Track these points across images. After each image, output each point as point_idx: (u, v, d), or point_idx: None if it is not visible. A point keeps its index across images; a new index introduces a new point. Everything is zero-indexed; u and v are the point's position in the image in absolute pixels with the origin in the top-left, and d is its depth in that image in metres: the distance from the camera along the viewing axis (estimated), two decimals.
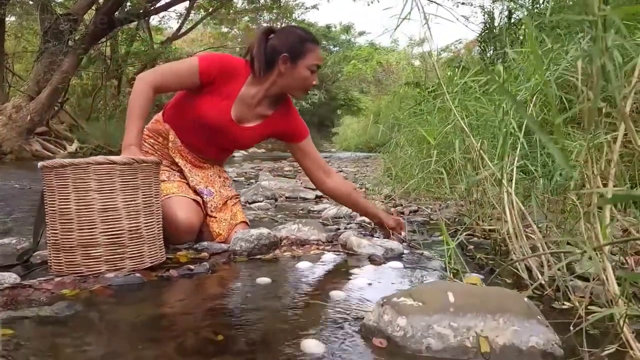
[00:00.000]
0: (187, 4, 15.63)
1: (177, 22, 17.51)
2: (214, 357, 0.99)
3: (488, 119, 1.93)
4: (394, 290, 1.44)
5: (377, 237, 2.07)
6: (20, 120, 9.63)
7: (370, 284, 1.50)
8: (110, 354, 1.00)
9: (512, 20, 7.05)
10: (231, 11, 18.88)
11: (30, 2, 12.53)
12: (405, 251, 1.92)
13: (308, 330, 1.14)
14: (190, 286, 1.48)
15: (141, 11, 11.77)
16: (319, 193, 3.04)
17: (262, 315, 1.24)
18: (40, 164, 1.57)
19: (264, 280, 1.51)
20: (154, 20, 17.54)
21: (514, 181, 1.63)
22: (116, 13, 10.65)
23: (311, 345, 1.05)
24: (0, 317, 1.15)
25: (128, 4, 11.56)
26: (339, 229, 2.42)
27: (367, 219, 2.56)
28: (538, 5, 4.41)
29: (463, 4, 10.70)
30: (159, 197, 1.68)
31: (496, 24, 8.09)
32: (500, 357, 0.98)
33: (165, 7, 13.15)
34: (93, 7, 10.84)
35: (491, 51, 9.00)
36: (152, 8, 12.46)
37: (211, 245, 1.89)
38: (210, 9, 17.28)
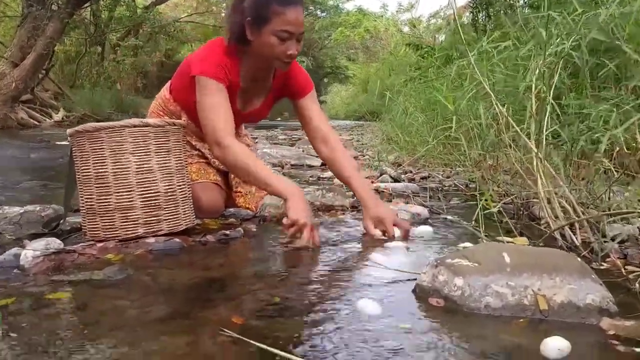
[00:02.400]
0: None
1: None
2: (276, 318, 1.01)
3: (514, 83, 1.93)
4: (432, 253, 1.47)
5: (399, 203, 2.09)
6: (4, 88, 9.39)
7: (407, 248, 1.52)
8: (174, 314, 1.01)
9: None
10: None
11: None
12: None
13: (360, 291, 1.16)
14: (229, 250, 1.49)
15: None
16: None
17: (311, 278, 1.25)
18: (70, 130, 1.55)
19: (302, 243, 1.52)
20: None
21: (544, 145, 1.65)
22: None
23: (367, 305, 1.07)
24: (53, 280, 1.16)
25: None
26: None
27: (381, 185, 2.58)
28: None
29: None
30: (186, 161, 1.68)
31: None
32: (558, 314, 1.01)
33: None
34: None
35: (483, 17, 8.96)
36: None
37: (238, 212, 1.89)
38: None
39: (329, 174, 3.23)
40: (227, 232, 1.59)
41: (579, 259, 1.10)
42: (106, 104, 12.92)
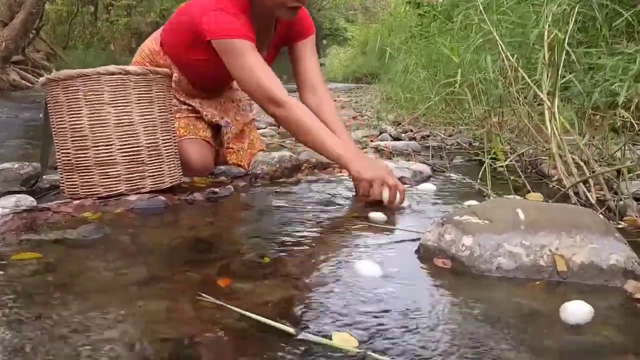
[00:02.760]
0: None
1: None
2: (264, 280, 0.91)
3: (525, 32, 1.80)
4: (436, 212, 1.37)
5: (400, 160, 1.98)
6: None
7: (409, 205, 1.42)
8: (153, 278, 0.91)
9: None
10: None
11: None
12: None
13: (358, 251, 1.06)
14: (217, 209, 1.39)
15: None
16: None
17: (304, 238, 1.15)
18: (42, 78, 1.42)
19: (296, 202, 1.42)
20: None
21: (557, 98, 1.53)
22: None
23: (366, 266, 0.97)
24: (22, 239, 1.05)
25: None
26: None
27: (381, 144, 2.47)
28: None
29: None
30: (172, 113, 1.55)
31: None
32: (578, 275, 0.91)
33: None
34: None
35: None
36: None
37: (229, 170, 1.78)
38: None
39: None
40: (216, 189, 1.48)
41: (601, 216, 1.00)
42: (100, 65, 12.60)
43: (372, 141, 2.61)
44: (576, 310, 0.78)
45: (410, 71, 3.50)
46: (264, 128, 3.30)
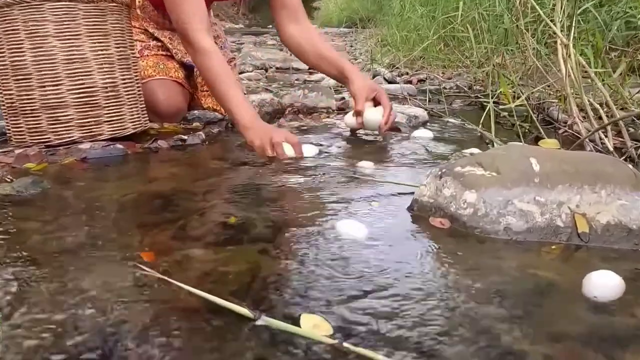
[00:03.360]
0: None
1: None
2: (229, 245, 0.76)
3: None
4: (435, 161, 1.21)
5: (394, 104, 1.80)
6: None
7: (403, 155, 1.25)
8: (92, 242, 0.75)
9: None
10: None
11: None
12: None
13: (341, 209, 0.90)
14: (184, 160, 1.22)
15: None
16: None
17: (279, 193, 0.99)
18: None
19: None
20: None
21: (573, 31, 1.34)
22: None
23: (350, 226, 0.81)
24: None
25: None
26: (344, 98, 2.13)
27: None
28: None
29: None
30: (134, 49, 1.36)
31: None
32: (602, 238, 0.76)
33: None
34: None
35: None
36: None
37: (204, 114, 1.60)
38: None
39: (316, 76, 2.90)
40: (185, 137, 1.31)
41: (630, 166, 0.84)
42: None
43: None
44: (603, 283, 0.64)
45: (407, 9, 3.25)
46: (250, 71, 3.09)
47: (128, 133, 1.30)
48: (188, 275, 0.64)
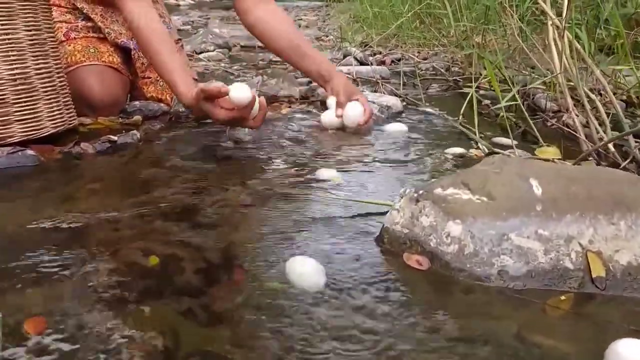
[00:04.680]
0: None
1: None
2: (142, 302, 0.57)
3: None
4: (413, 167, 1.03)
5: (365, 90, 1.61)
6: None
7: (374, 158, 1.07)
8: None
9: None
10: None
11: None
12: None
13: (292, 239, 0.72)
14: (111, 167, 1.01)
15: None
16: None
17: (219, 218, 0.80)
18: None
19: (221, 153, 1.06)
20: None
21: (567, 5, 1.15)
22: None
23: (303, 268, 0.63)
24: None
25: None
26: (311, 82, 1.93)
27: (343, 70, 2.07)
28: None
29: None
30: (53, 31, 1.14)
31: None
32: (623, 284, 0.59)
33: None
34: None
35: None
36: None
37: (146, 106, 1.39)
38: None
39: None
40: (114, 137, 1.10)
41: None
42: None
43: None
44: (633, 358, 0.47)
45: None
46: (211, 50, 2.85)
47: (47, 134, 1.09)
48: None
